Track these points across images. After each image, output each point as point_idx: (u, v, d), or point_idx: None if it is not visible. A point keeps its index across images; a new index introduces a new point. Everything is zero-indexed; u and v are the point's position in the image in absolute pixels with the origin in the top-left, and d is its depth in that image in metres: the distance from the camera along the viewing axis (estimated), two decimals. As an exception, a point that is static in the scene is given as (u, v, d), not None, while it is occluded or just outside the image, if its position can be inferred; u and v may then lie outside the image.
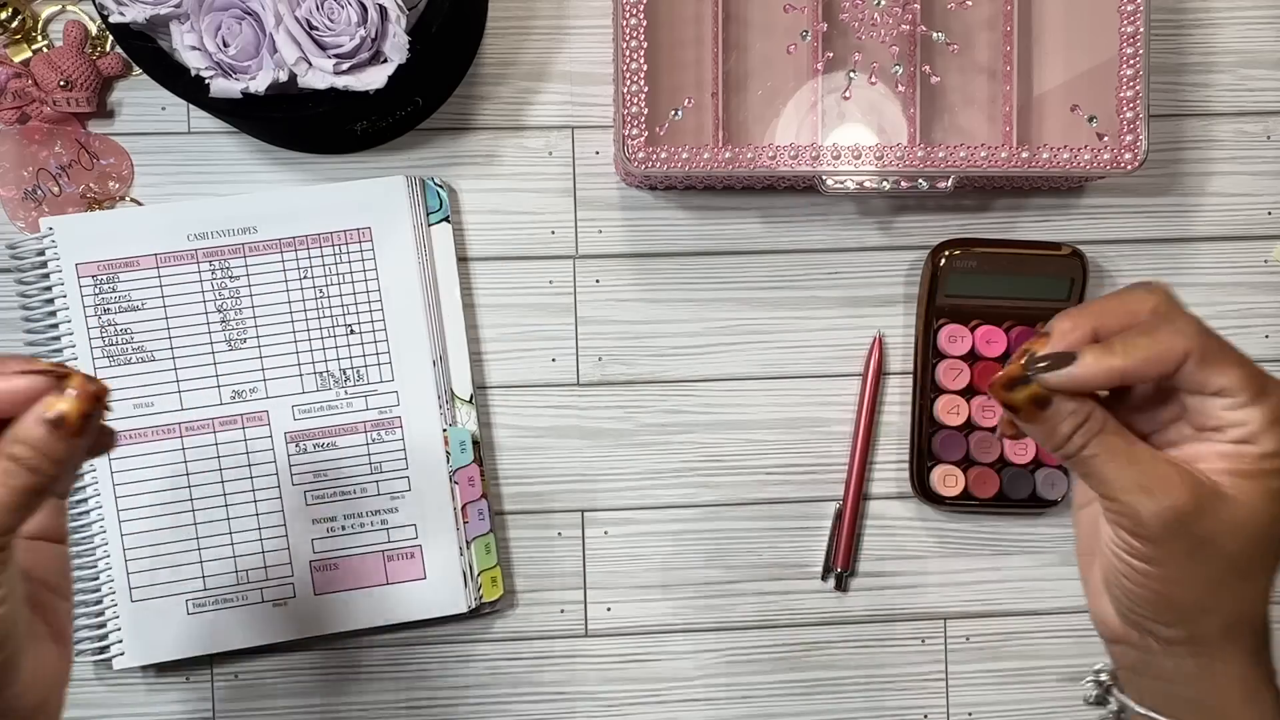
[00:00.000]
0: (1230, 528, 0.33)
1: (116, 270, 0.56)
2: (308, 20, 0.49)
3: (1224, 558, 0.33)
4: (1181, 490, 0.33)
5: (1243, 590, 0.34)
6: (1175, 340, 0.33)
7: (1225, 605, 0.34)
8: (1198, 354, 0.33)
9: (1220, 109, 0.61)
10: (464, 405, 0.58)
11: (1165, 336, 0.34)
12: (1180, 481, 0.33)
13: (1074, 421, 0.34)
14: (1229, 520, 0.33)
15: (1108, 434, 0.34)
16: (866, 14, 0.55)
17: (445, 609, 0.57)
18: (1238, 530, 0.33)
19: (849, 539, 0.60)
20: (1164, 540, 0.33)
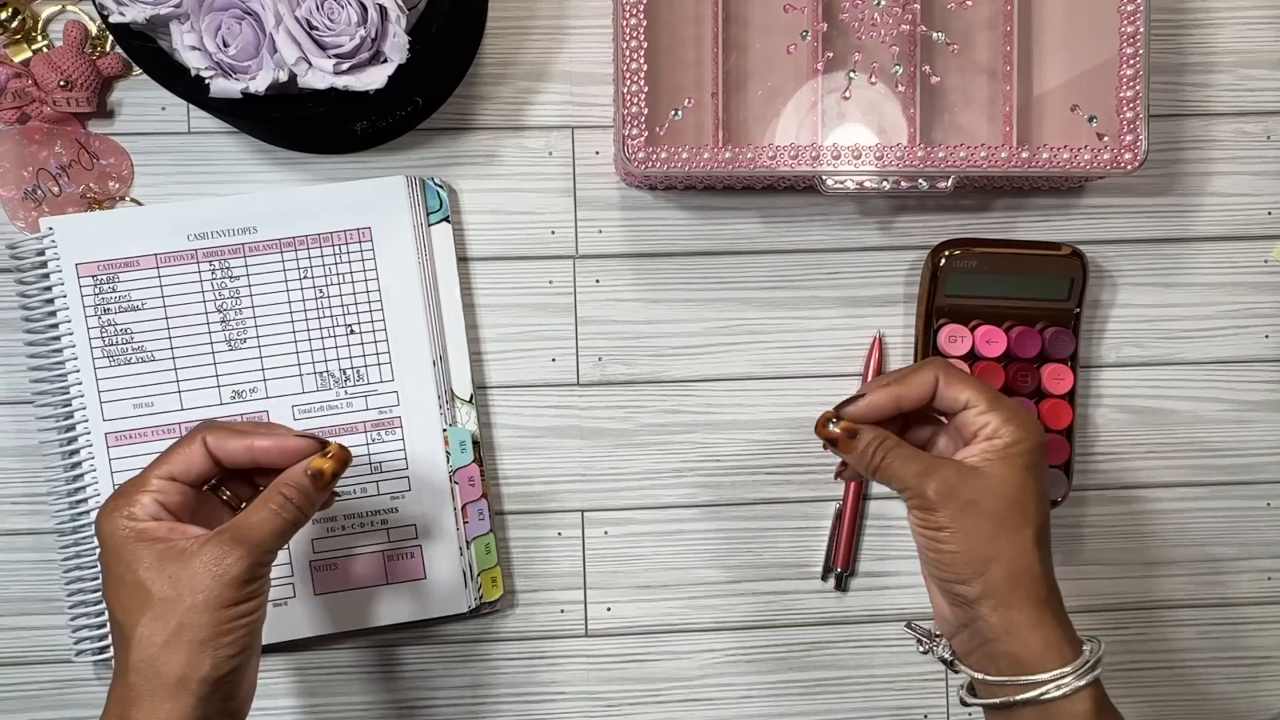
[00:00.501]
0: (987, 492, 0.45)
1: (116, 270, 0.56)
2: (308, 20, 0.49)
3: (988, 514, 0.44)
4: (949, 470, 0.45)
5: (1011, 540, 0.45)
6: (927, 371, 0.47)
7: (1002, 553, 0.44)
8: (943, 379, 0.46)
9: (1220, 109, 0.61)
10: (464, 405, 0.58)
11: (921, 370, 0.47)
12: (948, 465, 0.45)
13: (874, 443, 0.46)
14: (985, 488, 0.45)
15: (898, 448, 0.46)
16: (866, 14, 0.55)
17: (445, 609, 0.57)
18: (993, 493, 0.45)
19: (849, 539, 0.60)
20: (943, 506, 0.45)
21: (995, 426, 0.46)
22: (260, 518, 0.44)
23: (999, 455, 0.45)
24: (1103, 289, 0.61)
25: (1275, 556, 0.62)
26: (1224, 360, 0.61)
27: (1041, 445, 0.46)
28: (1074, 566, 0.61)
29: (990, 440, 0.46)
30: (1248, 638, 0.62)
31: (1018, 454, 0.45)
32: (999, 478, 0.45)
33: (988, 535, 0.44)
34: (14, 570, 0.58)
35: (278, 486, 0.45)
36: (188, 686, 0.42)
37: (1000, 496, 0.45)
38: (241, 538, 0.44)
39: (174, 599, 0.42)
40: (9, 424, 0.58)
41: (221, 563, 0.43)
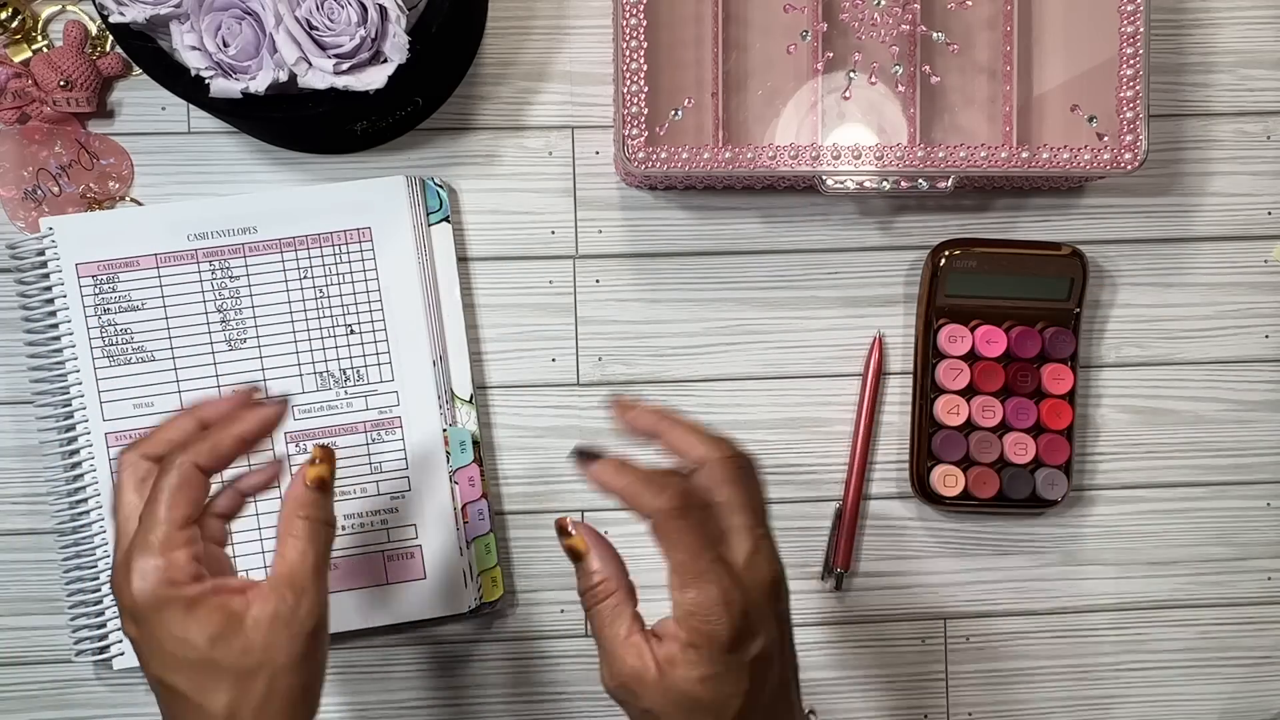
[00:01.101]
0: (660, 702, 0.39)
1: (116, 270, 0.56)
2: (308, 20, 0.49)
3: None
4: (621, 672, 0.40)
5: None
6: (652, 501, 0.40)
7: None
8: (659, 531, 0.40)
9: (1220, 109, 0.61)
10: (464, 405, 0.58)
11: (650, 494, 0.41)
12: (627, 665, 0.39)
13: (590, 582, 0.42)
14: (660, 695, 0.39)
15: (608, 605, 0.41)
16: (866, 14, 0.55)
17: (445, 609, 0.57)
18: (670, 705, 0.39)
19: (849, 539, 0.60)
20: (616, 699, 0.41)
21: (687, 611, 0.39)
22: (299, 552, 0.42)
23: (679, 659, 0.39)
24: (1103, 289, 0.61)
25: (1275, 556, 0.62)
26: (1224, 360, 0.61)
27: (751, 612, 0.39)
28: (1074, 566, 0.61)
29: (674, 632, 0.39)
30: (1248, 638, 0.62)
31: (700, 656, 0.39)
32: (672, 687, 0.39)
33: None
34: (14, 570, 0.58)
35: (291, 515, 0.43)
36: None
37: (673, 713, 0.39)
38: (296, 582, 0.41)
39: (255, 669, 0.40)
40: (9, 424, 0.58)
41: (295, 616, 0.40)
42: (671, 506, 0.40)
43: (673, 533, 0.40)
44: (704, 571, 0.39)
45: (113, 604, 0.55)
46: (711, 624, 0.39)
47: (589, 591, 0.42)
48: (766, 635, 0.40)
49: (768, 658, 0.40)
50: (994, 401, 0.59)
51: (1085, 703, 0.61)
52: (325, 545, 0.43)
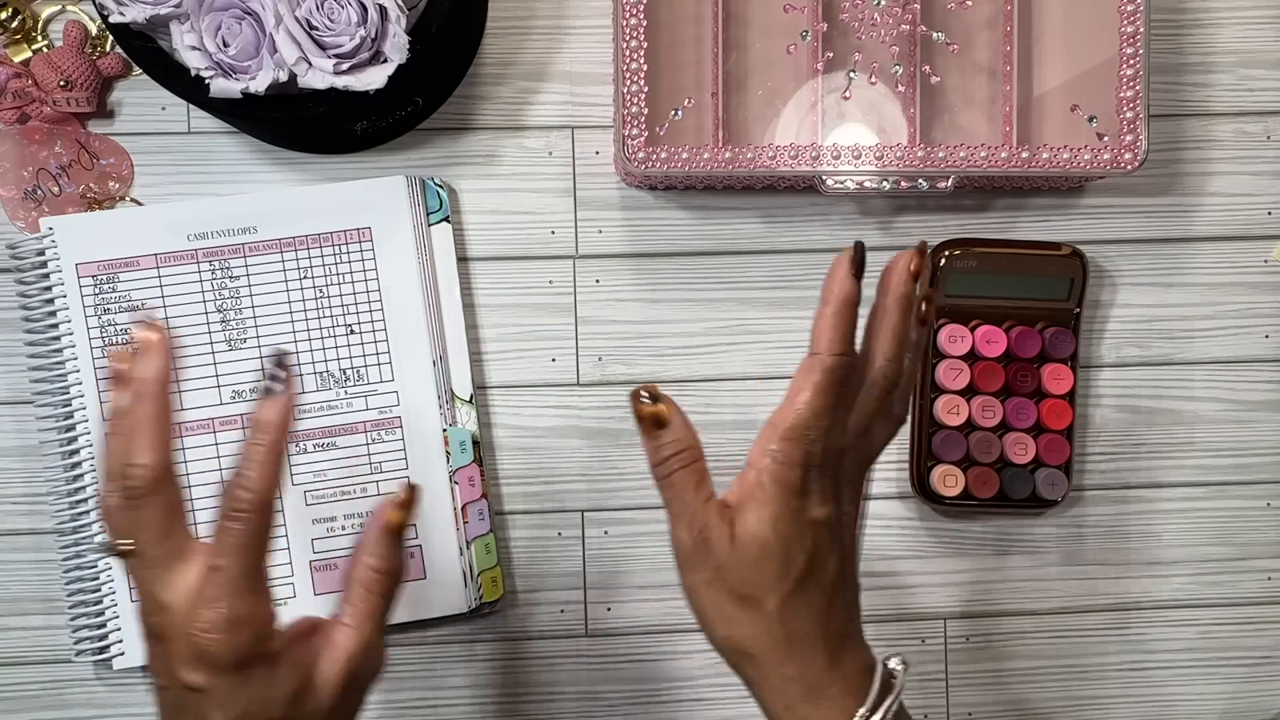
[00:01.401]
0: (730, 554, 0.40)
1: (116, 270, 0.56)
2: (308, 20, 0.49)
3: (724, 585, 0.41)
4: (701, 527, 0.40)
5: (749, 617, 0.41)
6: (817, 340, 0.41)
7: (736, 630, 0.41)
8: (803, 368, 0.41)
9: (1220, 109, 0.61)
10: (464, 405, 0.58)
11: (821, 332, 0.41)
12: (708, 521, 0.40)
13: (674, 449, 0.41)
14: (729, 548, 0.40)
15: (688, 470, 0.41)
16: (866, 14, 0.55)
17: (445, 609, 0.57)
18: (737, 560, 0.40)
19: (849, 539, 0.60)
20: (686, 559, 0.41)
21: (759, 453, 0.40)
22: (370, 606, 0.41)
23: (749, 499, 0.40)
24: (1103, 289, 0.61)
25: (1275, 556, 0.62)
26: (1224, 360, 0.61)
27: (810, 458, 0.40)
28: (1074, 566, 0.61)
29: (749, 475, 0.41)
30: (1248, 638, 0.62)
31: (764, 496, 0.40)
32: (745, 533, 0.40)
33: (720, 603, 0.41)
34: (14, 570, 0.58)
35: (363, 561, 0.41)
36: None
37: (743, 563, 0.40)
38: (366, 640, 0.40)
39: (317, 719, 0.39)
40: (9, 424, 0.58)
41: (364, 674, 0.40)
42: (819, 357, 0.41)
43: (807, 380, 0.40)
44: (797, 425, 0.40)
45: (113, 604, 0.55)
46: (784, 465, 0.40)
47: (673, 457, 0.41)
48: (831, 503, 0.41)
49: (833, 527, 0.41)
50: (994, 401, 0.59)
51: (1085, 703, 0.61)
52: (394, 599, 0.42)
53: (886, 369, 0.42)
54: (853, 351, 0.41)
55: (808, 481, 0.40)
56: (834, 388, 0.41)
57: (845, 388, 0.41)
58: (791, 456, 0.40)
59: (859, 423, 0.42)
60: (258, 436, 0.38)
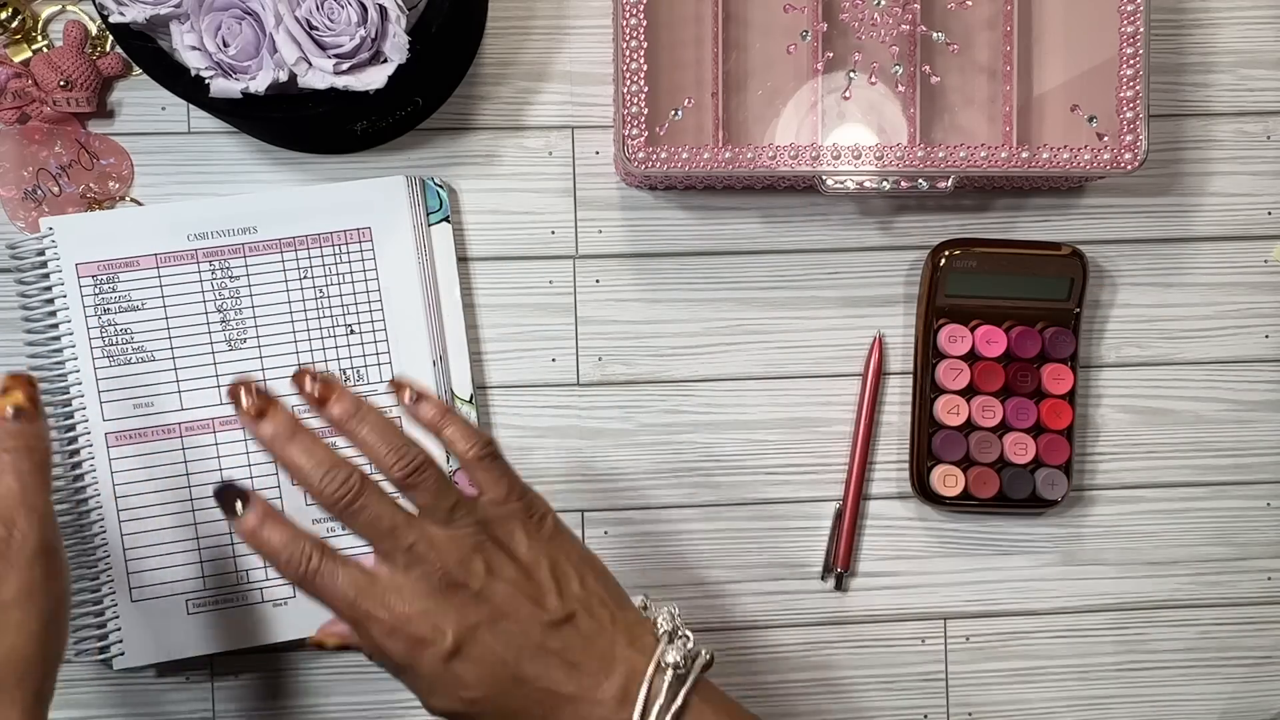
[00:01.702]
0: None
1: (116, 270, 0.56)
2: (308, 20, 0.49)
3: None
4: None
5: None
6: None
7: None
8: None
9: (1220, 109, 0.61)
10: (464, 405, 0.58)
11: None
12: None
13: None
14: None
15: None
16: (866, 14, 0.55)
17: (445, 609, 0.57)
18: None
19: (849, 539, 0.60)
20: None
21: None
22: (4, 486, 0.43)
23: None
24: (1103, 289, 0.61)
25: (1275, 556, 0.62)
26: (1224, 360, 0.61)
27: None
28: (1074, 566, 0.61)
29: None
30: (1248, 638, 0.62)
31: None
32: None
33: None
34: (14, 570, 0.58)
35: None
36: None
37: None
38: (4, 514, 0.43)
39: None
40: (9, 424, 0.58)
41: (10, 548, 0.43)
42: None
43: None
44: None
45: (113, 604, 0.55)
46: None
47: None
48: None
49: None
50: (994, 401, 0.59)
51: (1085, 703, 0.61)
52: (33, 471, 0.44)
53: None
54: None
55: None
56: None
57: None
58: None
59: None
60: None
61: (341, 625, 0.45)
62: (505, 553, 0.44)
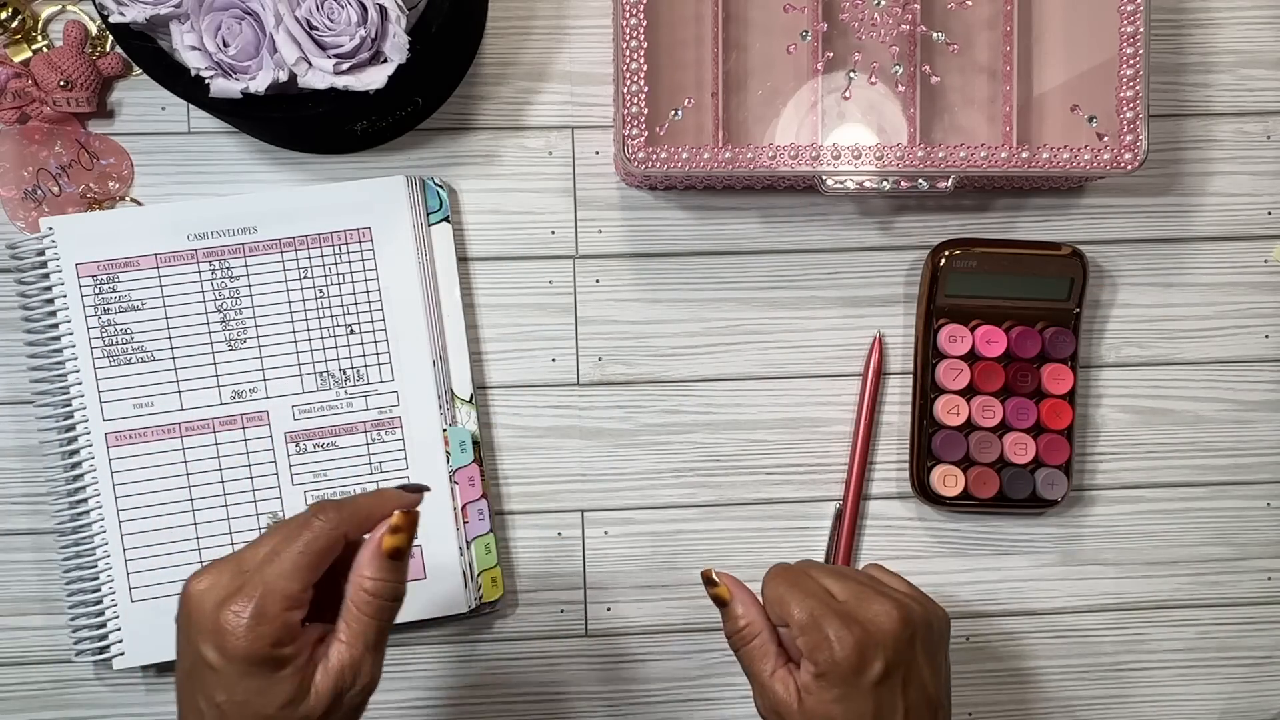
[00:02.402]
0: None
1: (116, 270, 0.56)
2: (308, 20, 0.49)
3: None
4: (773, 703, 0.45)
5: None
6: (768, 590, 0.46)
7: None
8: (768, 595, 0.46)
9: (1220, 109, 0.61)
10: (464, 405, 0.58)
11: (763, 590, 0.47)
12: (778, 696, 0.44)
13: (736, 625, 0.46)
14: (804, 718, 0.44)
15: (755, 645, 0.46)
16: (866, 14, 0.55)
17: (445, 609, 0.57)
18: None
19: (849, 539, 0.60)
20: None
21: (808, 651, 0.44)
22: (364, 629, 0.42)
23: (812, 686, 0.44)
24: (1103, 289, 0.61)
25: (1275, 556, 0.62)
26: (1224, 360, 0.61)
27: (867, 643, 0.43)
28: (1074, 566, 0.61)
29: (806, 666, 0.44)
30: (1248, 638, 0.62)
31: (828, 682, 0.43)
32: (811, 711, 0.44)
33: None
34: (14, 570, 0.58)
35: (359, 586, 0.42)
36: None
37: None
38: (357, 662, 0.42)
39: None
40: (9, 424, 0.58)
41: (351, 694, 0.42)
42: (781, 576, 0.46)
43: (780, 589, 0.45)
44: (821, 613, 0.44)
45: (113, 604, 0.55)
46: (826, 654, 0.43)
47: (737, 634, 0.46)
48: (888, 665, 0.43)
49: (892, 686, 0.44)
50: (994, 401, 0.59)
51: (1085, 703, 0.61)
52: (390, 621, 0.43)
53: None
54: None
55: (853, 660, 0.43)
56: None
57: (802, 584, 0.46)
58: (826, 650, 0.44)
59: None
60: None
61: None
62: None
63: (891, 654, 0.43)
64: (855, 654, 0.43)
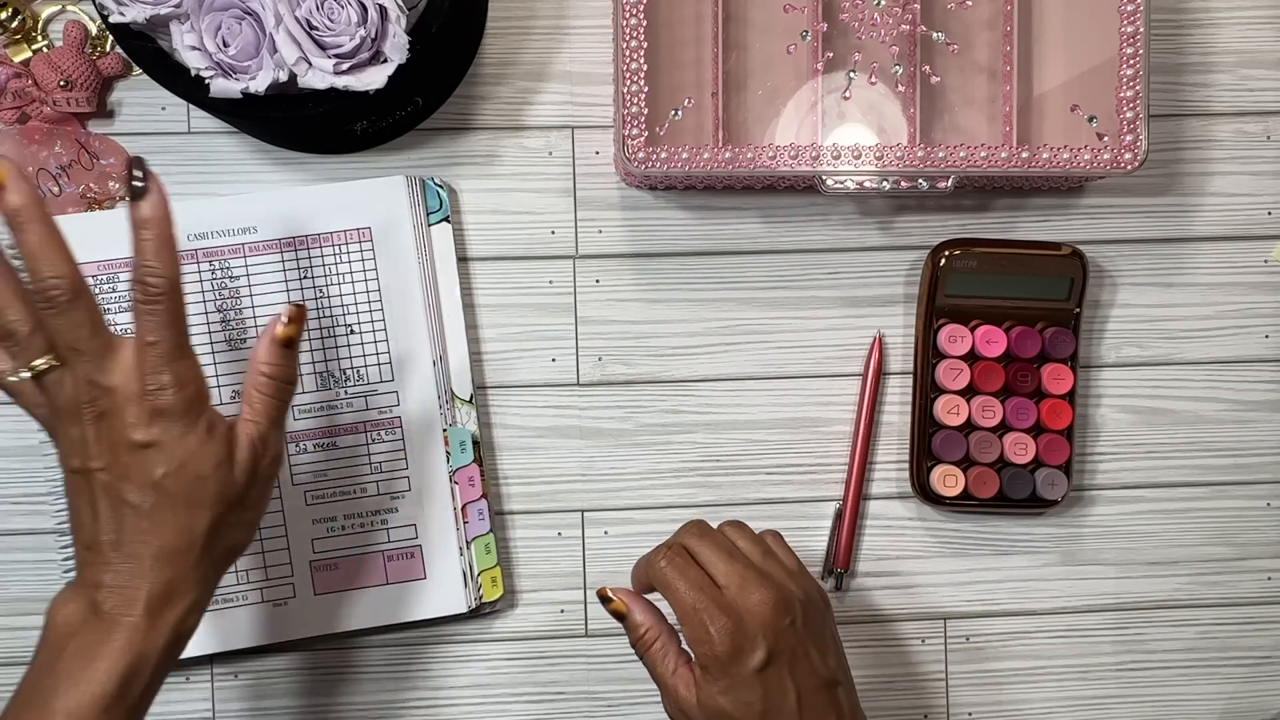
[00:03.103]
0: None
1: (116, 270, 0.56)
2: (308, 20, 0.49)
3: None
4: (675, 701, 0.46)
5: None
6: (641, 570, 0.49)
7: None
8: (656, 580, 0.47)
9: (1220, 109, 0.61)
10: (464, 405, 0.58)
11: (641, 567, 0.49)
12: (680, 695, 0.46)
13: (637, 634, 0.48)
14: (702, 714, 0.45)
15: (655, 649, 0.47)
16: (866, 14, 0.55)
17: (445, 609, 0.57)
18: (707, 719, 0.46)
19: (849, 539, 0.60)
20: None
21: (691, 643, 0.45)
22: (266, 407, 0.46)
23: (701, 680, 0.45)
24: (1103, 289, 0.61)
25: (1275, 556, 0.62)
26: (1224, 360, 0.61)
27: (744, 634, 0.44)
28: (1074, 566, 0.61)
29: (694, 659, 0.46)
30: (1248, 638, 0.62)
31: (712, 675, 0.45)
32: (705, 705, 0.45)
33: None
34: (14, 570, 0.58)
35: (256, 371, 0.46)
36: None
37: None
38: (264, 436, 0.46)
39: (215, 503, 0.45)
40: (9, 424, 0.58)
41: (260, 467, 0.46)
42: (656, 564, 0.47)
43: (666, 575, 0.46)
44: (689, 611, 0.45)
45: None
46: (706, 648, 0.45)
47: (638, 642, 0.48)
48: (770, 652, 0.44)
49: (778, 671, 0.45)
50: (994, 401, 0.59)
51: (1085, 703, 0.61)
52: (287, 401, 0.47)
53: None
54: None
55: (731, 648, 0.44)
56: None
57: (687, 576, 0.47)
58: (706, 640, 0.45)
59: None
60: (145, 232, 0.42)
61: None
62: None
63: (772, 640, 0.44)
64: (733, 645, 0.44)
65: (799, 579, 0.48)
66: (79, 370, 0.43)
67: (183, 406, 0.43)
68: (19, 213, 0.42)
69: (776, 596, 0.45)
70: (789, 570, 0.48)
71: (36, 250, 0.42)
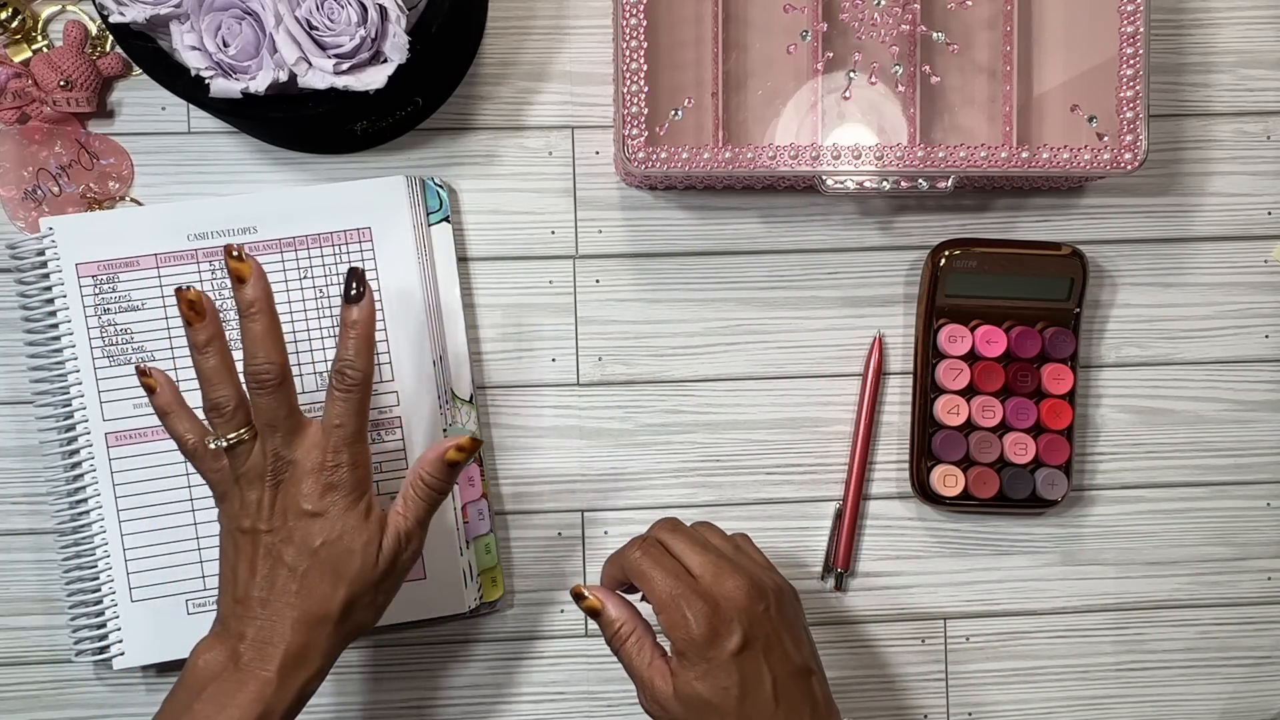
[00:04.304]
0: (680, 709, 0.46)
1: (116, 270, 0.56)
2: (308, 20, 0.49)
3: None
4: (651, 693, 0.46)
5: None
6: (614, 565, 0.49)
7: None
8: (630, 571, 0.48)
9: (1220, 109, 0.61)
10: (464, 405, 0.58)
11: (615, 560, 0.49)
12: (655, 686, 0.46)
13: (612, 629, 0.48)
14: (678, 703, 0.46)
15: (630, 643, 0.48)
16: (866, 14, 0.55)
17: (445, 609, 0.57)
18: (686, 709, 0.46)
19: (849, 539, 0.60)
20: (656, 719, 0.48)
21: (667, 629, 0.46)
22: (417, 509, 0.49)
23: (678, 667, 0.46)
24: (1103, 289, 0.61)
25: (1275, 556, 0.62)
26: (1224, 360, 0.61)
27: (720, 618, 0.45)
28: (1074, 566, 0.61)
29: (671, 647, 0.46)
30: (1248, 638, 0.62)
31: (689, 660, 0.45)
32: (682, 693, 0.45)
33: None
34: (14, 570, 0.58)
35: (418, 475, 0.48)
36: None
37: (691, 710, 0.46)
38: (409, 534, 0.48)
39: (362, 586, 0.48)
40: (9, 424, 0.58)
41: (401, 560, 0.48)
42: (631, 555, 0.48)
43: (642, 565, 0.47)
44: (665, 598, 0.46)
45: (113, 604, 0.55)
46: (683, 633, 0.45)
47: (613, 637, 0.48)
48: (746, 637, 0.45)
49: (754, 655, 0.45)
50: (994, 401, 0.59)
51: (1085, 703, 0.61)
52: (436, 507, 0.49)
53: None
54: None
55: (707, 633, 0.45)
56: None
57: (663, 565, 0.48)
58: (682, 625, 0.46)
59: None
60: (352, 331, 0.47)
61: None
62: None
63: (747, 625, 0.45)
64: (709, 629, 0.45)
65: (770, 572, 0.49)
66: (269, 444, 0.47)
67: (352, 484, 0.47)
68: (253, 304, 0.46)
69: (750, 583, 0.46)
70: (760, 564, 0.49)
71: (258, 338, 0.46)
